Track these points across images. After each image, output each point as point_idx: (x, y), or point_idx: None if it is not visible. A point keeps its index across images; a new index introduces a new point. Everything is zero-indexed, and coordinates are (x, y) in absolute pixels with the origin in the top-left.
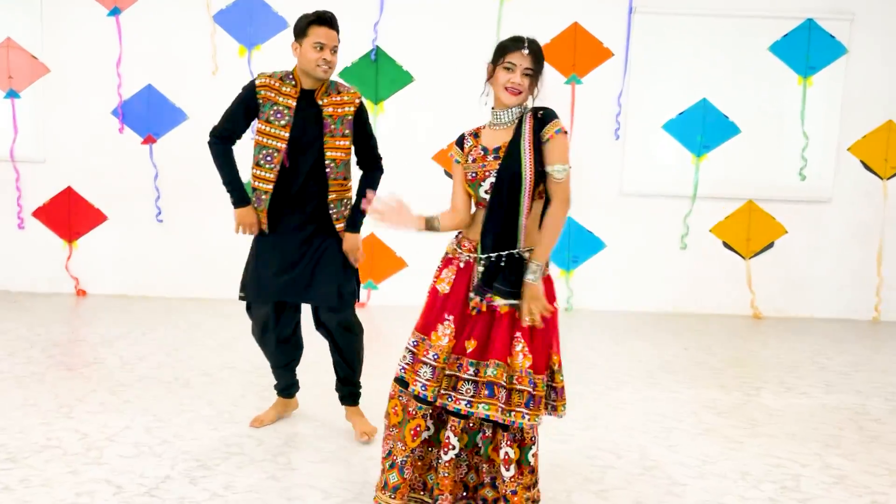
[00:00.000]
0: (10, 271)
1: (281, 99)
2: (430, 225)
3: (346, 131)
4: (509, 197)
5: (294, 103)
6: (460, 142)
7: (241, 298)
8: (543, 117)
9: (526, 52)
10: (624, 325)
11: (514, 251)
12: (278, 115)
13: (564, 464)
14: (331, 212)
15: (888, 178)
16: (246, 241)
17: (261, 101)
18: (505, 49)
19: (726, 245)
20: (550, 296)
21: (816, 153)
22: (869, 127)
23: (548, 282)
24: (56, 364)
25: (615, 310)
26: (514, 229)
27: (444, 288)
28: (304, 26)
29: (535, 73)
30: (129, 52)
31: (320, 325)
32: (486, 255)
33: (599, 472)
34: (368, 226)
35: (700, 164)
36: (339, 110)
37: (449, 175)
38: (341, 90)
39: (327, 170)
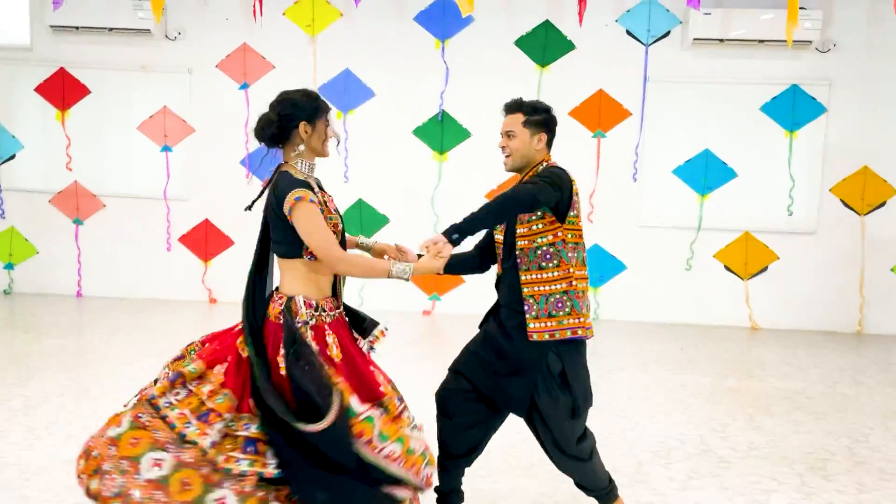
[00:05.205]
0: (160, 284)
1: None
2: None
3: None
4: None
5: None
6: None
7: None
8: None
9: None
10: (642, 332)
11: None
12: None
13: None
14: None
15: (865, 214)
16: None
17: None
18: None
19: (727, 268)
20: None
21: (802, 193)
22: (847, 172)
23: (342, 326)
24: None
25: (633, 320)
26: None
27: None
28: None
29: None
30: (254, 116)
31: None
32: None
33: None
34: None
35: (704, 202)
36: None
37: None
38: None
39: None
